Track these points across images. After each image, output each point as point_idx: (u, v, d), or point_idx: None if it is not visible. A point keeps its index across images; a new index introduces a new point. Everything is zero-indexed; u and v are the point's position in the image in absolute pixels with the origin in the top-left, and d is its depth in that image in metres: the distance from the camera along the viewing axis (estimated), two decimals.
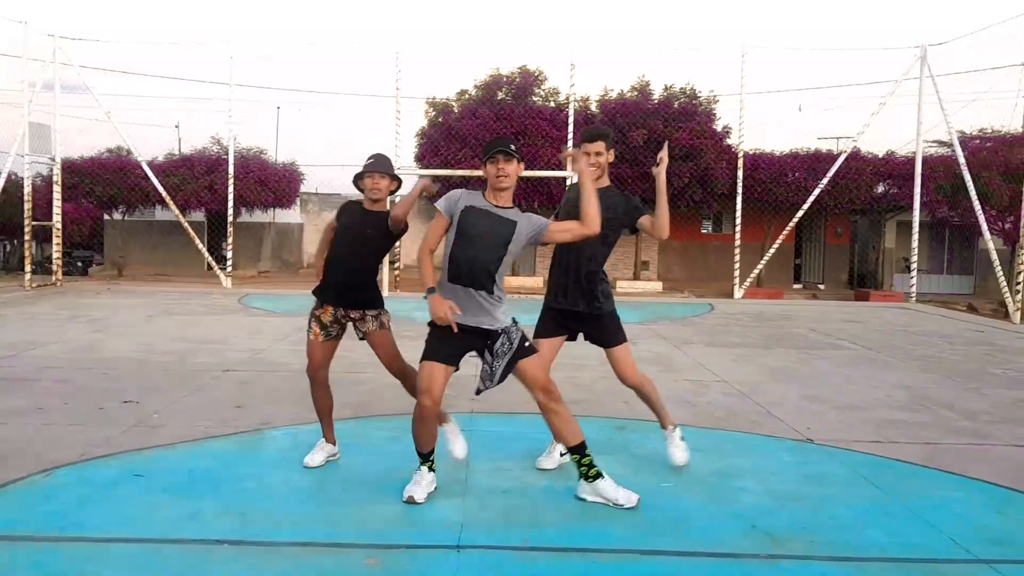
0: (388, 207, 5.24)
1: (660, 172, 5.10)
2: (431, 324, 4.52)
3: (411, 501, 4.55)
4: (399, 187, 5.31)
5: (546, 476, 5.12)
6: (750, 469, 5.38)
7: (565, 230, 4.62)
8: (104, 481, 4.88)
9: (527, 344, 4.58)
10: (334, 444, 5.37)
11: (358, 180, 5.19)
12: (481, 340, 4.52)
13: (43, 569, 3.69)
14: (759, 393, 7.83)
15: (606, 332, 5.21)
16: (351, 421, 6.25)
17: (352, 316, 5.13)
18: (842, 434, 6.35)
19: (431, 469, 4.71)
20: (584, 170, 4.68)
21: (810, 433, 6.34)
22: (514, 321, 4.59)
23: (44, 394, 7.14)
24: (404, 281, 19.90)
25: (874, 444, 6.06)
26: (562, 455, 5.23)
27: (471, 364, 4.72)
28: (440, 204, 4.61)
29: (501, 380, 4.55)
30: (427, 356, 4.50)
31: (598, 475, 4.60)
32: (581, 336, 5.30)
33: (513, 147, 4.55)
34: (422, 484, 4.64)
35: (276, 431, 6.12)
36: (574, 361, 8.31)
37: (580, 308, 5.10)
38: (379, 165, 5.16)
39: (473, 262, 4.46)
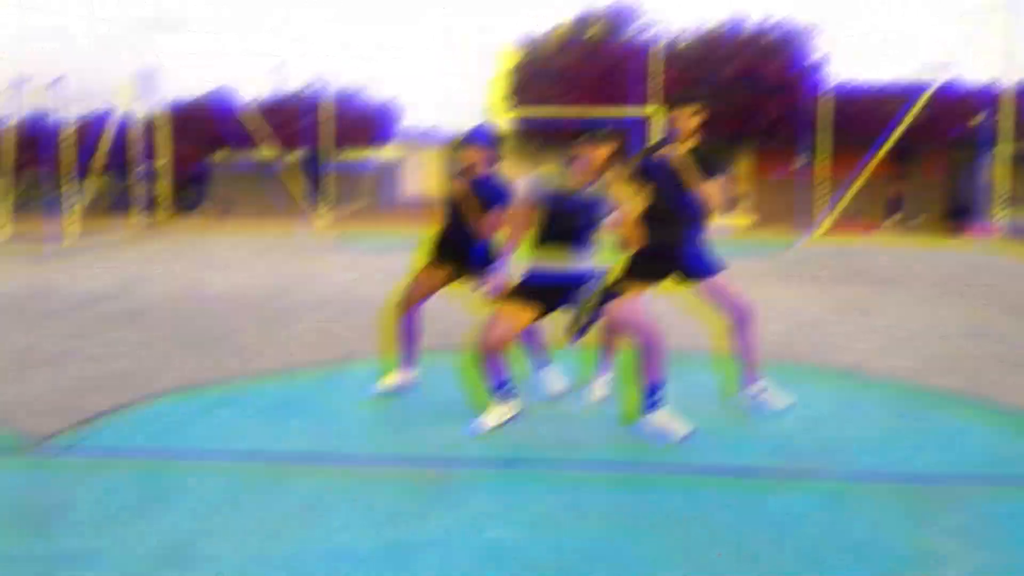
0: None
1: None
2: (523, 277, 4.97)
3: (482, 427, 5.00)
4: (496, 155, 5.61)
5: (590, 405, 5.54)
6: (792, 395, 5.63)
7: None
8: (203, 405, 5.52)
9: (604, 297, 4.87)
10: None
11: (455, 152, 5.62)
12: (566, 291, 4.87)
13: (147, 484, 4.22)
14: (819, 326, 8.10)
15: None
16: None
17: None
18: (888, 363, 6.63)
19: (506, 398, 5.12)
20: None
21: (857, 363, 6.63)
22: (595, 276, 4.91)
23: (152, 327, 7.92)
24: None
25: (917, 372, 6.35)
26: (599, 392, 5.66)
27: None
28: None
29: (580, 333, 4.89)
30: (508, 299, 4.93)
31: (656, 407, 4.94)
32: None
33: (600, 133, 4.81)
34: (493, 413, 5.06)
35: (360, 362, 6.68)
36: None
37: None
38: (470, 139, 5.51)
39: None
